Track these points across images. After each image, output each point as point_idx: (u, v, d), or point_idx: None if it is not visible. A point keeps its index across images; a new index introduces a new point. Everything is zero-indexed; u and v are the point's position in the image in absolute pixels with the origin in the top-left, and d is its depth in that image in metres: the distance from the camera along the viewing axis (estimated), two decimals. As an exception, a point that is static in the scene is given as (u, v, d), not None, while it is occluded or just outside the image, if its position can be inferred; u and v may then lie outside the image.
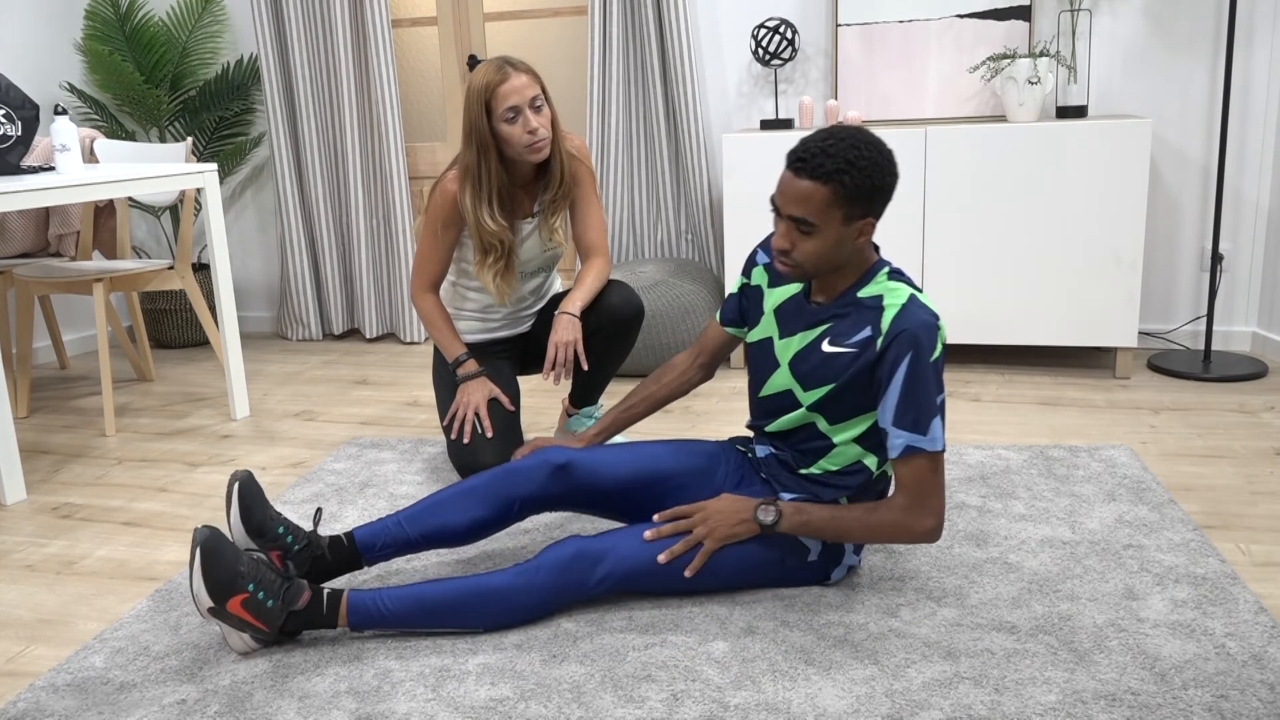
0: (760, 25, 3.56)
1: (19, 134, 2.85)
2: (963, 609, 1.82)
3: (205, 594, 1.68)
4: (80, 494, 2.64)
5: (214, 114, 4.26)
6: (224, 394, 3.54)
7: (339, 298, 4.30)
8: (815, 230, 1.69)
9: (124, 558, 2.24)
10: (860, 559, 1.94)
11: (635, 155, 3.86)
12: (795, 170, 1.68)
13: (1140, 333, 3.63)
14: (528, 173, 2.44)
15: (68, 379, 3.87)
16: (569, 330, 2.37)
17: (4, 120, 2.79)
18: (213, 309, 4.28)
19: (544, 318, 2.68)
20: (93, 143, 3.52)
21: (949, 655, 1.68)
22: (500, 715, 1.57)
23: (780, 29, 3.53)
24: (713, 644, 1.74)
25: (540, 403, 3.26)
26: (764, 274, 1.96)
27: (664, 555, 1.79)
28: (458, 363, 2.49)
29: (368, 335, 4.26)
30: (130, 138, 4.33)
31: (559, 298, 2.71)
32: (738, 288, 2.03)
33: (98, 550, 2.28)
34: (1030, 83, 3.17)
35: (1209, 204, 3.47)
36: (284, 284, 4.31)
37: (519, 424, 2.48)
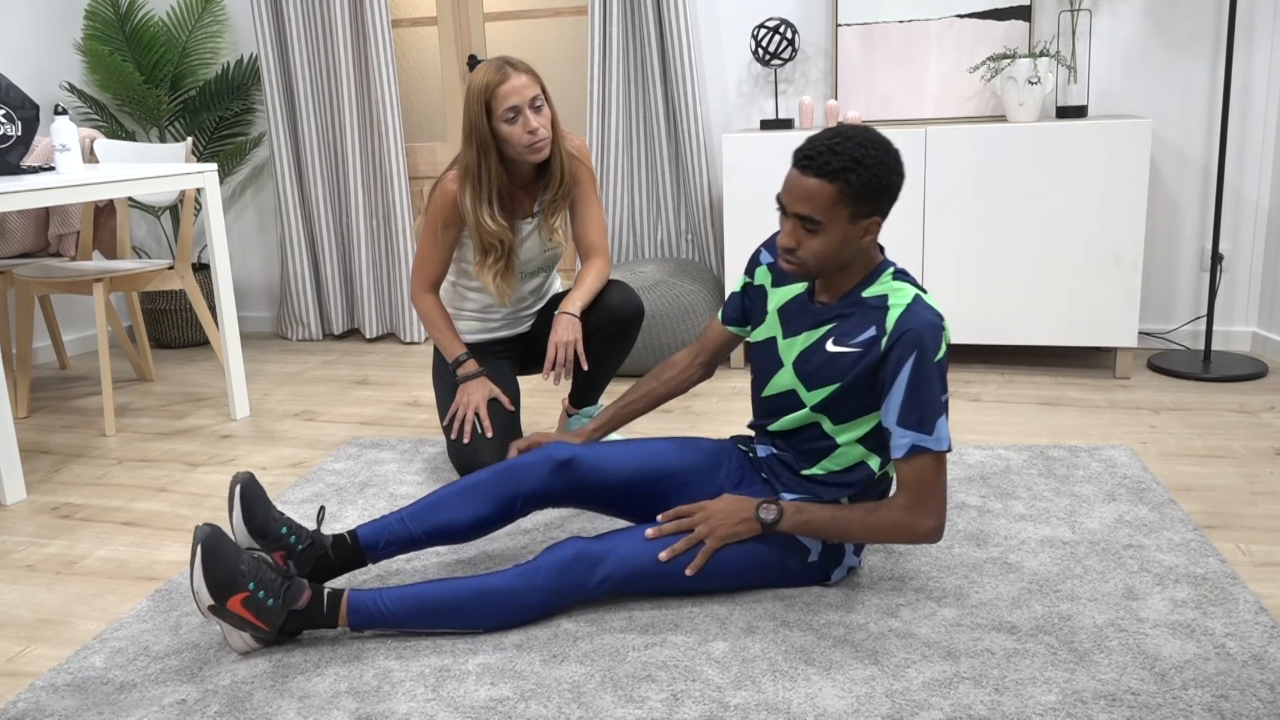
0: (760, 25, 3.56)
1: (19, 134, 2.85)
2: (963, 609, 1.82)
3: (206, 592, 1.68)
4: (80, 494, 2.64)
5: (214, 114, 4.26)
6: (224, 394, 3.54)
7: (339, 298, 4.30)
8: (821, 228, 1.68)
9: (124, 558, 2.24)
10: (860, 559, 1.94)
11: (635, 155, 3.86)
12: (802, 168, 1.67)
13: (1140, 333, 3.63)
14: (528, 173, 2.44)
15: (68, 379, 3.87)
16: (569, 330, 2.37)
17: (4, 120, 2.79)
18: (213, 309, 4.28)
19: (544, 318, 2.68)
20: (93, 143, 3.52)
21: (949, 655, 1.68)
22: (500, 715, 1.57)
23: (780, 29, 3.53)
24: (713, 644, 1.74)
25: (540, 403, 3.26)
26: (768, 273, 1.96)
27: (665, 553, 1.79)
28: (458, 363, 2.49)
29: (368, 335, 4.26)
30: (130, 138, 4.33)
31: (559, 298, 2.71)
32: (740, 287, 2.02)
33: (98, 550, 2.28)
34: (1030, 83, 3.17)
35: (1209, 204, 3.47)
36: (284, 284, 4.31)
37: (519, 424, 2.48)
